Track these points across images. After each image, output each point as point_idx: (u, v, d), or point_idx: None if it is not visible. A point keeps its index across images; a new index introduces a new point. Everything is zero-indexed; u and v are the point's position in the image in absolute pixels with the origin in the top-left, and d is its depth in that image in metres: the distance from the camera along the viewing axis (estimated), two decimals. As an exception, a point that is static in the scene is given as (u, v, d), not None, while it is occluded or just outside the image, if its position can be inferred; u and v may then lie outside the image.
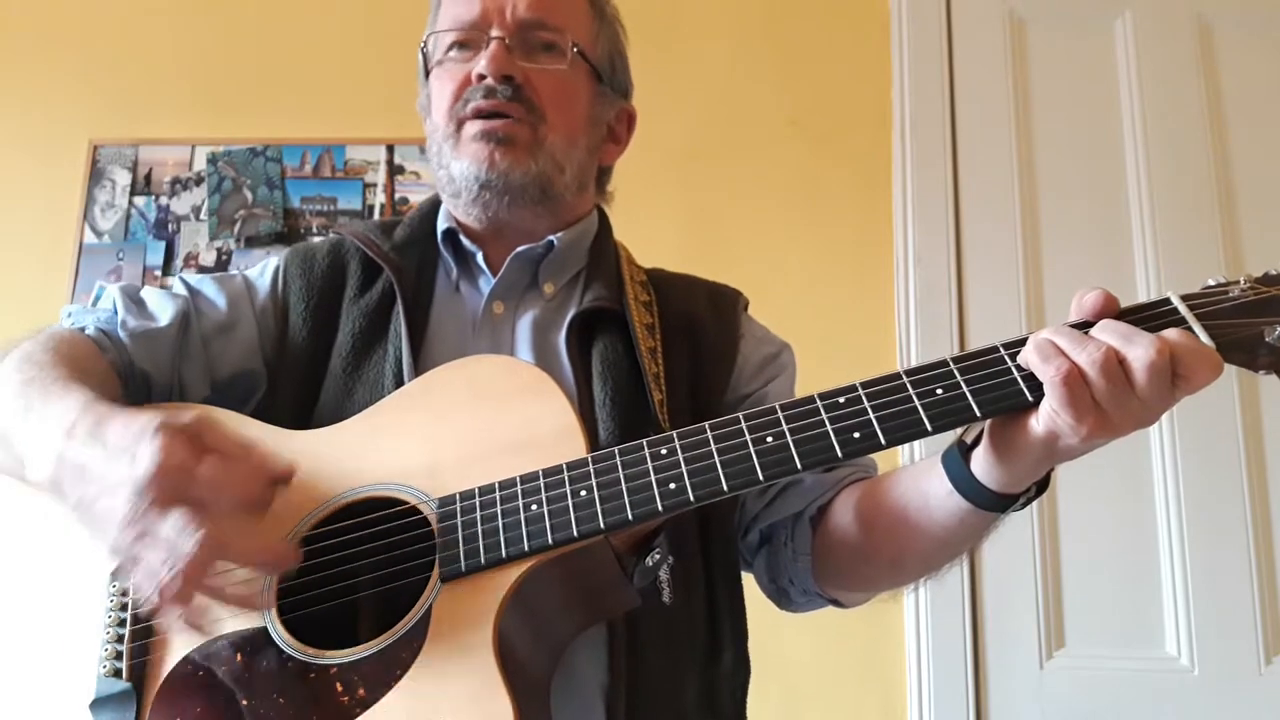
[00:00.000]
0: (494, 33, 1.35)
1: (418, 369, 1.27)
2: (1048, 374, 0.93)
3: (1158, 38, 3.04)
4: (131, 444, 0.96)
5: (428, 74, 1.44)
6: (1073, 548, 2.69)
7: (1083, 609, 2.67)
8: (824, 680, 2.61)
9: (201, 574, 0.92)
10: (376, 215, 3.01)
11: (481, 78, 1.33)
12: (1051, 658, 2.64)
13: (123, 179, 3.07)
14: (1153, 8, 3.06)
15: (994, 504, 1.06)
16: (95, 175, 3.07)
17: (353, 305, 1.35)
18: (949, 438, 1.07)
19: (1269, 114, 2.98)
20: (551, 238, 1.39)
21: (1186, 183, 2.92)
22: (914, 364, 1.02)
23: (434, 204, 1.48)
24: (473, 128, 1.34)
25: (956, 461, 1.07)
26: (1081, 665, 2.64)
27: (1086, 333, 0.95)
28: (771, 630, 1.38)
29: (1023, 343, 0.98)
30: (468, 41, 1.38)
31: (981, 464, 1.04)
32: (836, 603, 1.35)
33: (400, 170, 3.05)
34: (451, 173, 1.36)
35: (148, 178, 3.08)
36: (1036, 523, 2.65)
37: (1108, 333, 0.94)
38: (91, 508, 0.97)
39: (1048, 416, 0.95)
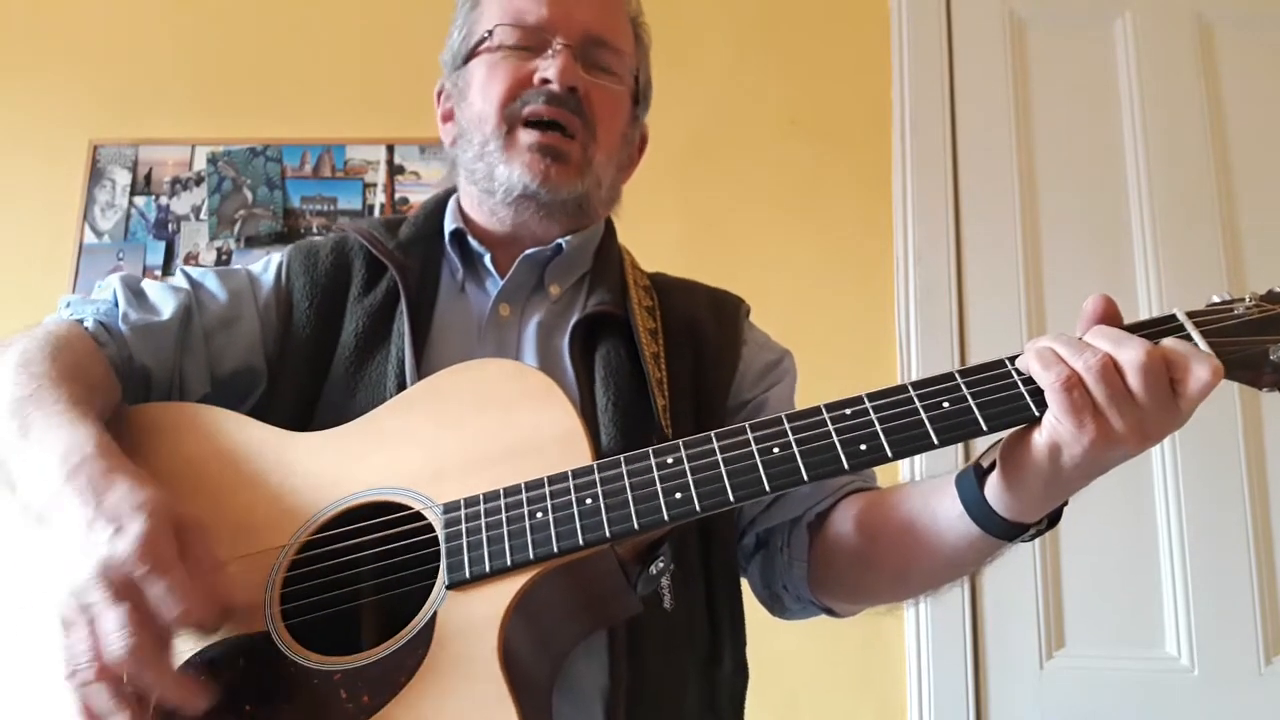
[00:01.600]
0: (560, 40, 1.34)
1: (420, 370, 1.26)
2: (1048, 380, 0.93)
3: (1158, 38, 3.04)
4: (124, 515, 0.95)
5: (467, 59, 1.41)
6: (1073, 548, 2.69)
7: (1083, 609, 2.67)
8: (823, 680, 2.61)
9: (111, 679, 0.91)
10: (377, 215, 3.01)
11: (546, 82, 1.33)
12: (1051, 658, 2.64)
13: (123, 179, 3.07)
14: (1153, 8, 3.06)
15: (1004, 531, 1.05)
16: (95, 175, 3.07)
17: (357, 304, 1.34)
18: (947, 452, 1.07)
19: (1269, 114, 2.98)
20: (560, 241, 1.38)
21: (1186, 182, 2.92)
22: (914, 364, 1.03)
23: (439, 202, 1.48)
24: (528, 136, 1.33)
25: (971, 485, 1.07)
26: (1081, 665, 2.64)
27: (1080, 339, 0.96)
28: (770, 630, 1.39)
29: None
30: (528, 42, 1.36)
31: (995, 489, 1.04)
32: (831, 611, 1.35)
33: (400, 170, 3.05)
34: (495, 173, 1.35)
35: (148, 178, 3.07)
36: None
37: (1100, 338, 0.95)
38: (62, 555, 0.96)
39: (1050, 426, 0.95)
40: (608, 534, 0.99)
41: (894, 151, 2.99)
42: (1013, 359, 1.00)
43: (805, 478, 0.99)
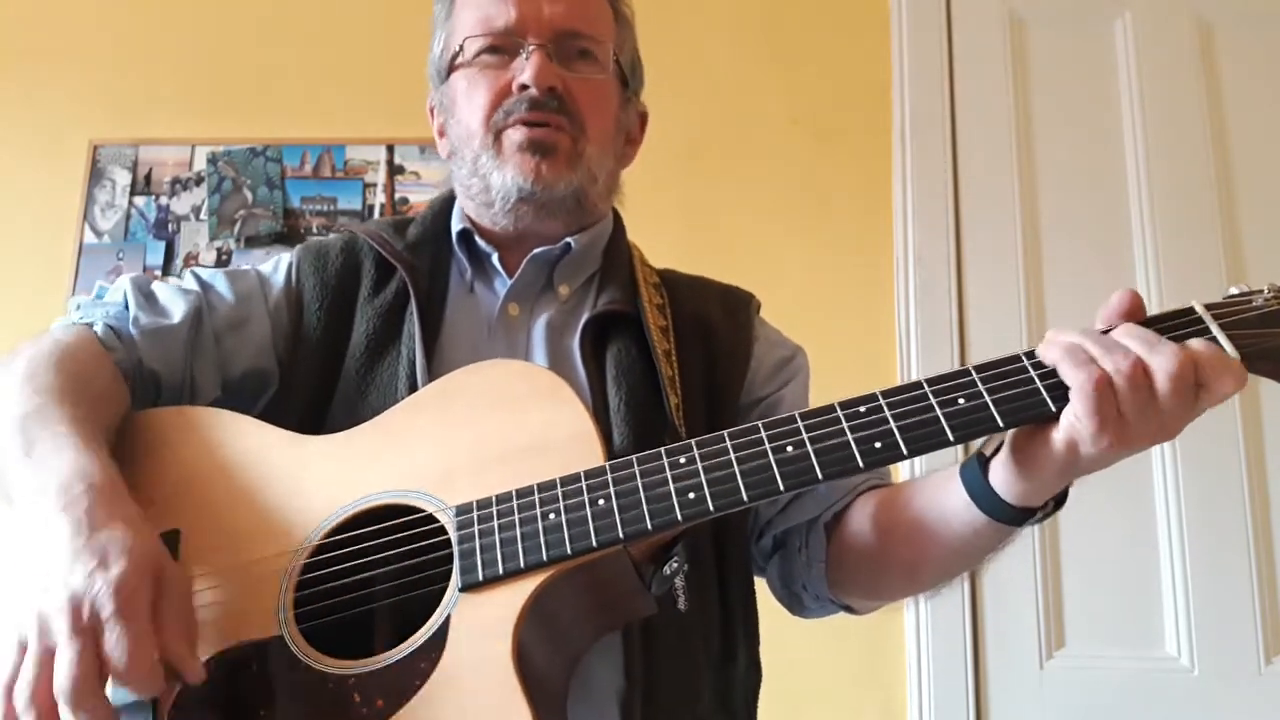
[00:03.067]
0: (532, 41, 1.33)
1: (431, 371, 1.26)
2: (1078, 380, 0.92)
3: (1158, 38, 3.04)
4: (109, 554, 0.94)
5: (448, 73, 1.41)
6: (1073, 548, 2.69)
7: (1083, 609, 2.67)
8: (824, 680, 2.61)
9: (45, 707, 0.91)
10: (376, 215, 3.00)
11: (524, 88, 1.32)
12: (1051, 658, 2.64)
13: (123, 179, 3.07)
14: (1153, 8, 3.06)
15: (1012, 517, 1.05)
16: (95, 175, 3.07)
17: (367, 305, 1.34)
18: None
19: (1269, 114, 2.98)
20: (569, 239, 1.38)
21: (1187, 182, 2.92)
22: (914, 364, 1.02)
23: (446, 202, 1.47)
24: (516, 135, 1.32)
25: (975, 474, 1.06)
26: (1081, 665, 2.64)
27: (1109, 338, 0.95)
28: (772, 630, 1.38)
29: None
30: (501, 46, 1.35)
31: (1000, 476, 1.03)
32: (850, 609, 1.35)
33: (400, 170, 3.04)
34: (490, 183, 1.34)
35: (148, 178, 3.07)
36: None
37: (1132, 339, 0.93)
38: (41, 574, 0.95)
39: (1069, 425, 0.94)
40: (621, 535, 0.98)
41: (894, 151, 2.99)
42: (1029, 354, 0.98)
43: (820, 476, 0.98)
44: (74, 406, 1.10)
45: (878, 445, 0.98)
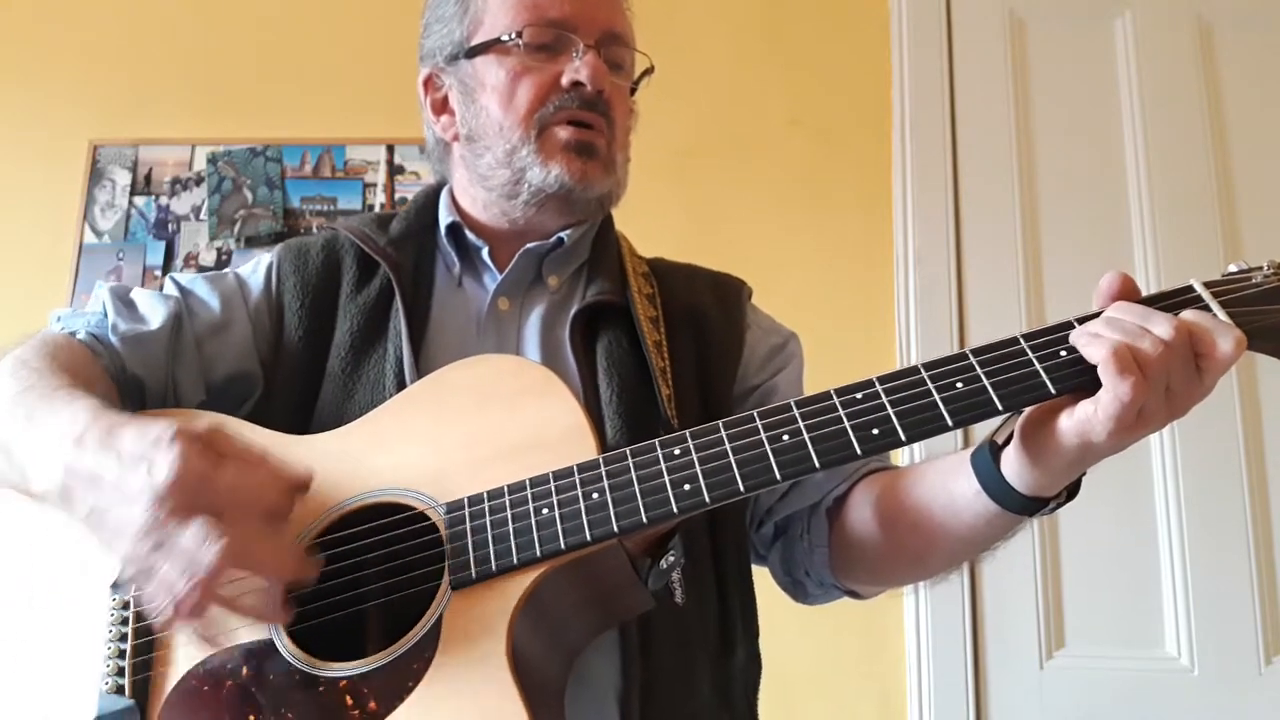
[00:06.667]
0: (584, 39, 1.32)
1: (419, 367, 1.25)
2: (1100, 354, 0.92)
3: (1158, 38, 3.04)
4: (148, 451, 0.94)
5: (474, 53, 1.37)
6: (1073, 548, 2.69)
7: (1083, 609, 2.67)
8: (824, 679, 2.61)
9: (219, 585, 0.91)
10: (373, 214, 3.00)
11: (577, 85, 1.31)
12: (1051, 658, 2.64)
13: (123, 179, 3.07)
14: (1153, 8, 3.06)
15: (1024, 507, 1.05)
16: (95, 175, 3.07)
17: (350, 302, 1.33)
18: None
19: (1269, 114, 2.98)
20: (562, 235, 1.37)
21: (1186, 182, 2.92)
22: (914, 363, 1.01)
23: (429, 195, 1.46)
24: (563, 134, 1.31)
25: (987, 463, 1.05)
26: (1081, 665, 2.63)
27: (1102, 315, 0.95)
28: (771, 629, 1.37)
29: (1041, 334, 0.97)
30: (552, 42, 1.33)
31: (1012, 466, 1.03)
32: (854, 594, 1.34)
33: (400, 170, 3.04)
34: (527, 176, 1.32)
35: (148, 178, 3.07)
36: (1036, 523, 2.63)
37: (1124, 314, 0.94)
38: (104, 517, 0.95)
39: (1080, 413, 0.94)
40: (615, 528, 0.98)
41: (894, 151, 2.99)
42: (1025, 336, 0.98)
43: (817, 465, 0.97)
44: (68, 376, 1.11)
45: (875, 432, 0.97)
